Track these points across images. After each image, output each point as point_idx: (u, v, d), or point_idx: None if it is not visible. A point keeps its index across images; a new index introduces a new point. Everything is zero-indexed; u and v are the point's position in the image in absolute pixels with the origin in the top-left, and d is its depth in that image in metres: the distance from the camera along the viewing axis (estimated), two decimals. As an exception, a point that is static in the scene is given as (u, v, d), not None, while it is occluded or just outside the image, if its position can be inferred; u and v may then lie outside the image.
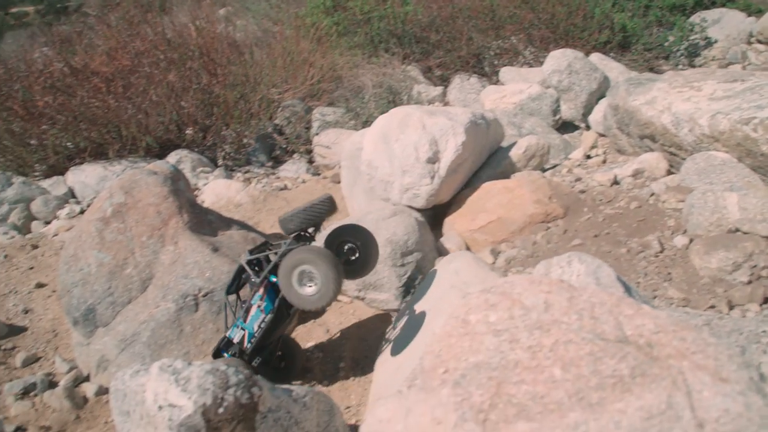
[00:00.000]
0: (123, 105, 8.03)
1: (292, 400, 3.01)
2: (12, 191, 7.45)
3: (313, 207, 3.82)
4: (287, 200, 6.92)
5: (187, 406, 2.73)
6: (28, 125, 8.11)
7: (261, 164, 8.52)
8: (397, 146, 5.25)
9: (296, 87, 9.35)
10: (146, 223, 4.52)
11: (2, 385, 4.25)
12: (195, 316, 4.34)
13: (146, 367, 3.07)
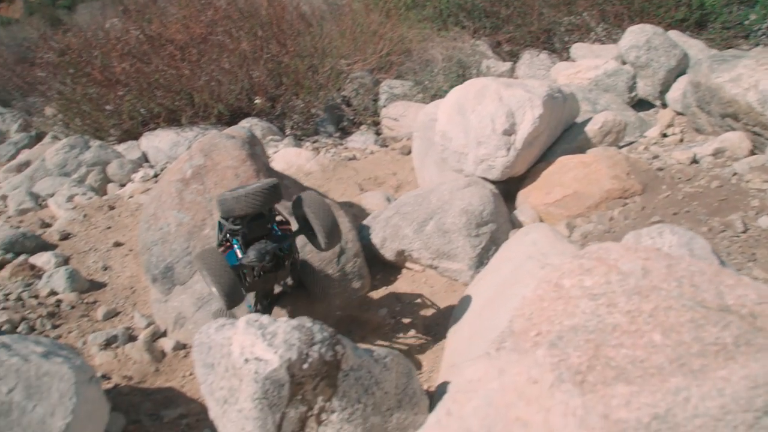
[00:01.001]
0: (196, 73, 8.14)
1: (374, 360, 3.03)
2: (90, 154, 7.66)
3: (257, 192, 3.49)
4: (356, 170, 6.94)
5: (272, 361, 2.77)
6: (105, 91, 8.31)
7: (329, 135, 8.57)
8: (473, 117, 5.21)
9: (365, 59, 9.34)
10: (224, 185, 4.58)
11: (87, 336, 4.39)
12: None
13: (232, 321, 3.14)
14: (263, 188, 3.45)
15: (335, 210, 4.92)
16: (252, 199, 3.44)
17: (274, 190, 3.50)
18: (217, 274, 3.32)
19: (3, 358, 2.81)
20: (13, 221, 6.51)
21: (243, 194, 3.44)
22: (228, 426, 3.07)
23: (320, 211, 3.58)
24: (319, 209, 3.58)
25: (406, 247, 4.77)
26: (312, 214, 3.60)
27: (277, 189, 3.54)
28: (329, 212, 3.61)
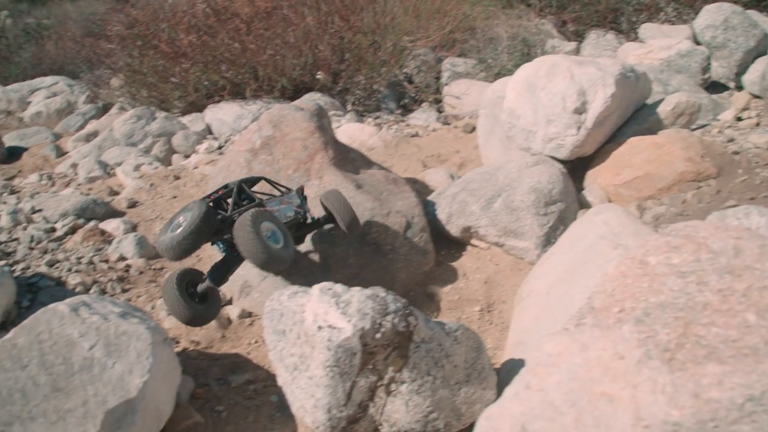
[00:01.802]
0: (261, 46, 8.18)
1: (445, 333, 3.02)
2: (155, 125, 7.79)
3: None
4: (419, 147, 6.91)
5: (346, 329, 2.78)
6: (171, 63, 8.42)
7: (390, 111, 8.54)
8: (543, 95, 5.12)
9: (428, 36, 9.25)
10: (293, 156, 4.62)
11: (155, 301, 4.48)
12: (337, 249, 4.42)
13: (305, 288, 3.15)
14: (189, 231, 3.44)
15: (400, 185, 4.92)
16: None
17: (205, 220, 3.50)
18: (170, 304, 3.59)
19: (84, 316, 2.88)
20: (83, 188, 6.68)
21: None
22: (297, 393, 3.10)
23: (341, 206, 4.07)
24: (339, 205, 4.07)
25: (472, 224, 4.74)
26: (333, 209, 4.08)
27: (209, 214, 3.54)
28: (348, 207, 4.08)
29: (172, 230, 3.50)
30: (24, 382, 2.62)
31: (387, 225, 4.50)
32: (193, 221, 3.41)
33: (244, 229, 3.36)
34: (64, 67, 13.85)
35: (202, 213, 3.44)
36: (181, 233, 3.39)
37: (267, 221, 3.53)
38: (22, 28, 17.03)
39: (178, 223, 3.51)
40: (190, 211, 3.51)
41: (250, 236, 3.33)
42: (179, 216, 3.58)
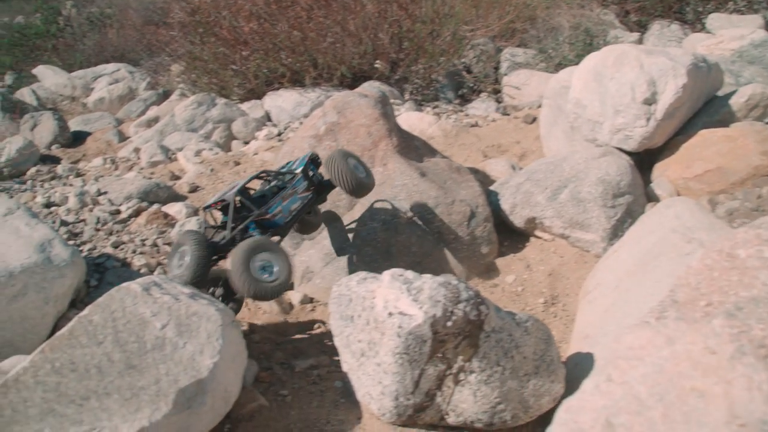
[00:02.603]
0: (321, 34, 8.18)
1: (515, 323, 2.96)
2: (216, 111, 7.87)
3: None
4: (478, 137, 6.83)
5: (417, 316, 2.75)
6: (231, 51, 8.48)
7: (448, 101, 8.47)
8: (611, 85, 4.99)
9: (488, 25, 9.14)
10: (357, 143, 4.59)
11: (218, 286, 4.50)
12: (399, 237, 4.38)
13: (374, 274, 3.13)
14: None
15: (463, 174, 4.86)
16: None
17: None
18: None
19: (156, 296, 2.91)
20: (146, 172, 6.77)
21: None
22: (363, 379, 3.08)
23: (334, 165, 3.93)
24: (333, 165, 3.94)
25: (537, 215, 4.65)
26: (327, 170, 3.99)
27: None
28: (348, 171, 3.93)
29: (178, 266, 3.57)
30: (99, 358, 2.65)
31: (451, 214, 4.44)
32: (192, 257, 3.48)
33: (236, 270, 3.35)
34: (125, 55, 14.12)
35: (198, 249, 3.50)
36: (187, 272, 3.46)
37: (262, 251, 3.48)
38: (86, 17, 17.39)
39: (181, 256, 3.58)
40: (188, 244, 3.54)
41: (242, 276, 3.32)
42: (181, 246, 3.61)
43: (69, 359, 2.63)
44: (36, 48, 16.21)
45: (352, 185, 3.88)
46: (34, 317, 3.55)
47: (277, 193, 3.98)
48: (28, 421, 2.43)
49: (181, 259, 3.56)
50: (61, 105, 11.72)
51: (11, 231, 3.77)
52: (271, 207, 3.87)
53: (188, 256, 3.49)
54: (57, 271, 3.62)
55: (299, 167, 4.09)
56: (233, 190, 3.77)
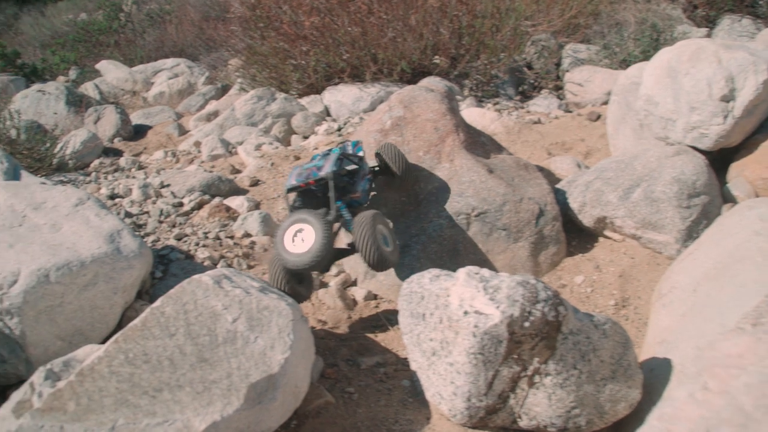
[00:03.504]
0: (383, 29, 8.12)
1: (593, 325, 2.85)
2: (275, 106, 7.89)
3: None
4: (542, 134, 6.68)
5: (494, 315, 2.66)
6: (291, 45, 8.49)
7: (509, 97, 8.33)
8: (687, 81, 4.81)
9: (550, 21, 8.94)
10: (423, 138, 4.52)
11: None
12: (466, 234, 4.30)
13: (448, 272, 3.05)
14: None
15: (531, 171, 4.74)
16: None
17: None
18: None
19: (227, 289, 2.88)
20: (206, 166, 6.81)
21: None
22: (434, 379, 3.01)
23: (395, 156, 4.10)
24: (393, 155, 4.11)
25: (608, 214, 4.51)
26: (388, 158, 4.11)
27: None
28: (402, 156, 4.12)
29: (294, 247, 3.50)
30: (172, 351, 2.63)
31: (519, 212, 4.34)
32: (319, 238, 3.44)
33: (367, 236, 3.53)
34: (184, 50, 14.33)
35: (325, 229, 3.46)
36: (309, 255, 3.43)
37: (380, 224, 3.69)
38: (146, 14, 17.71)
39: (299, 237, 3.52)
40: (311, 224, 3.49)
41: (374, 244, 3.53)
42: (297, 226, 3.55)
43: (142, 350, 2.62)
44: (99, 44, 16.57)
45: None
46: (103, 307, 3.57)
47: (356, 173, 4.02)
48: (104, 411, 2.42)
49: (301, 241, 3.48)
50: (123, 99, 11.93)
51: (82, 221, 3.80)
52: (358, 186, 3.92)
53: (313, 237, 3.44)
54: (126, 261, 3.63)
55: (358, 152, 4.20)
56: (327, 170, 3.78)
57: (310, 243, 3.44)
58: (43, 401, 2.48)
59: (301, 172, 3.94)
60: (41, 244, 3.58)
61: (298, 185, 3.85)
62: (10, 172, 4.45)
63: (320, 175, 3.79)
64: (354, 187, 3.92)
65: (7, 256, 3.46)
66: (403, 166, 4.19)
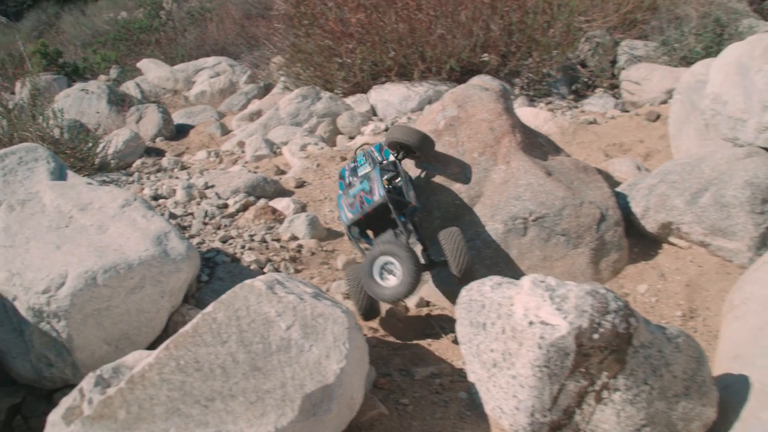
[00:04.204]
0: (431, 25, 8.06)
1: (666, 338, 2.76)
2: (320, 105, 7.88)
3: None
4: (597, 135, 6.56)
5: (561, 326, 2.59)
6: (337, 43, 8.48)
7: (562, 96, 8.21)
8: (759, 78, 4.65)
9: (605, 16, 8.77)
10: (478, 139, 4.44)
11: (329, 284, 4.45)
12: (523, 240, 4.22)
13: (511, 279, 2.98)
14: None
15: (591, 174, 4.64)
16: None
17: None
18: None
19: (281, 295, 2.85)
20: (250, 166, 6.83)
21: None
22: (494, 391, 2.94)
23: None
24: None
25: (674, 220, 4.38)
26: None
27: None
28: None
29: (385, 281, 3.58)
30: (224, 358, 2.60)
31: (579, 216, 4.24)
32: (408, 271, 3.48)
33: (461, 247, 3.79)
34: (225, 48, 14.45)
35: (413, 262, 3.51)
36: (403, 287, 3.49)
37: None
38: (186, 11, 17.93)
39: (388, 270, 3.58)
40: (398, 257, 3.53)
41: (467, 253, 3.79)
42: (384, 259, 3.59)
43: (193, 358, 2.60)
44: (139, 42, 16.82)
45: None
46: (149, 311, 3.57)
47: (397, 180, 4.06)
48: (154, 420, 2.41)
49: (389, 273, 3.57)
50: (164, 98, 12.08)
51: (129, 223, 3.81)
52: (408, 194, 3.97)
53: (401, 269, 3.50)
54: (173, 264, 3.62)
55: (386, 157, 4.29)
56: (379, 193, 3.84)
57: (401, 276, 3.50)
58: (93, 408, 2.47)
59: (352, 202, 3.97)
60: (88, 245, 3.59)
61: (357, 218, 3.90)
62: (56, 172, 4.49)
63: (375, 201, 3.82)
64: (404, 196, 3.94)
65: (54, 258, 3.49)
66: (418, 139, 4.20)
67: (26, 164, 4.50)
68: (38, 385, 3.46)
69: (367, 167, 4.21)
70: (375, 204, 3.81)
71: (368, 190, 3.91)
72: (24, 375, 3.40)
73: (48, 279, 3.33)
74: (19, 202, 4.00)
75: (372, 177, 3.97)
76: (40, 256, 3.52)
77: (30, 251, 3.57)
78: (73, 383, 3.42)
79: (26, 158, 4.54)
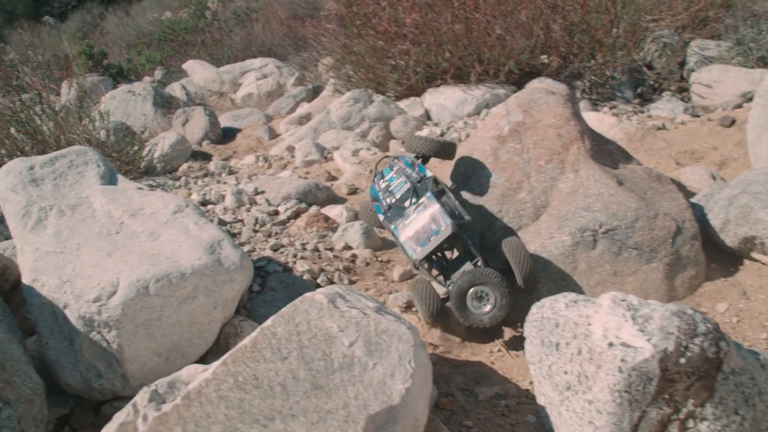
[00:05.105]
0: (490, 25, 7.98)
1: (760, 364, 2.64)
2: (373, 109, 7.86)
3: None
4: (667, 141, 6.40)
5: (644, 349, 2.49)
6: (390, 44, 8.45)
7: (627, 100, 8.05)
8: None
9: (674, 14, 8.57)
10: (545, 145, 4.36)
11: (385, 296, 4.41)
12: (592, 253, 4.11)
13: (587, 297, 2.90)
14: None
15: (665, 183, 4.51)
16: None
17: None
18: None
19: (343, 309, 2.80)
20: (300, 171, 6.83)
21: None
22: (567, 416, 2.85)
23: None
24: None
25: (758, 234, 4.22)
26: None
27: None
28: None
29: (480, 308, 3.81)
30: (284, 376, 2.56)
31: (653, 229, 4.12)
32: (503, 296, 3.75)
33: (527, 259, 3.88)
34: (272, 49, 14.57)
35: (506, 287, 3.76)
36: (502, 311, 3.77)
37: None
38: (232, 12, 18.14)
39: (481, 297, 3.81)
40: (490, 284, 3.77)
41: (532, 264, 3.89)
42: (477, 286, 3.80)
43: (252, 374, 2.56)
44: (185, 43, 17.06)
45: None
46: (201, 322, 3.56)
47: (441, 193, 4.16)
48: (212, 439, 2.38)
49: (484, 300, 3.80)
50: (209, 100, 12.21)
51: (181, 230, 3.81)
52: (458, 209, 4.08)
53: (496, 295, 3.75)
54: (227, 274, 3.61)
55: (422, 172, 4.30)
56: (446, 224, 3.91)
57: (495, 301, 3.77)
58: (148, 425, 2.45)
59: (418, 237, 4.01)
60: (140, 253, 3.60)
61: (429, 252, 3.95)
62: (106, 176, 4.52)
63: (444, 232, 3.89)
64: (461, 216, 4.04)
65: (106, 265, 3.50)
66: (436, 146, 4.41)
67: (76, 168, 4.54)
68: (87, 396, 3.47)
69: (403, 186, 4.27)
70: (444, 236, 3.89)
71: (430, 220, 3.98)
72: (73, 385, 3.41)
73: (99, 287, 3.34)
74: (69, 207, 4.04)
75: (433, 208, 4.00)
76: (91, 263, 3.53)
77: (81, 258, 3.59)
78: (122, 395, 3.43)
79: (76, 162, 4.58)
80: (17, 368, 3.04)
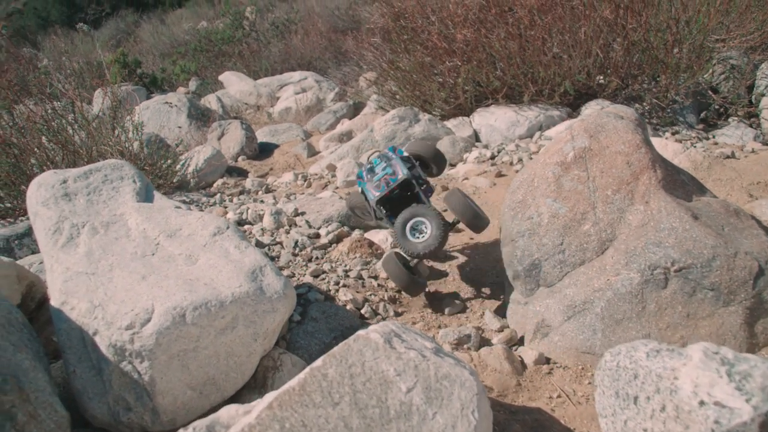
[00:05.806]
0: (546, 43, 7.82)
1: None
2: (419, 128, 7.73)
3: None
4: (737, 171, 6.17)
5: (742, 411, 2.29)
6: (438, 60, 8.32)
7: (690, 125, 7.82)
8: None
9: (743, 35, 8.34)
10: (613, 174, 4.17)
11: (433, 330, 4.26)
12: (663, 293, 3.90)
13: (671, 346, 2.71)
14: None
15: (744, 219, 4.30)
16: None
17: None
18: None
19: (400, 350, 2.64)
20: (342, 192, 6.69)
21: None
22: (645, 479, 2.65)
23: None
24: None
25: None
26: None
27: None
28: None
29: (416, 238, 4.38)
30: (335, 423, 2.41)
31: (732, 269, 3.90)
32: (436, 226, 4.33)
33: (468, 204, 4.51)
34: (311, 63, 14.55)
35: (439, 217, 4.39)
36: (435, 241, 4.31)
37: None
38: (270, 23, 18.19)
39: (418, 230, 4.40)
40: (426, 216, 4.38)
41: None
42: (414, 220, 4.41)
43: (300, 420, 2.41)
44: (221, 54, 17.13)
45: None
46: (240, 354, 3.43)
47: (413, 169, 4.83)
48: (256, 493, 2.23)
49: (420, 232, 4.38)
50: (246, 113, 12.19)
51: (221, 254, 3.69)
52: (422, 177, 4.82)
53: (430, 226, 4.33)
54: (269, 303, 3.48)
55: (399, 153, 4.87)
56: (402, 172, 4.65)
57: (430, 231, 4.33)
58: (185, 472, 2.32)
59: (378, 185, 4.68)
60: (176, 277, 3.49)
61: (384, 194, 4.62)
62: (142, 192, 4.42)
63: (400, 178, 4.61)
64: (421, 177, 4.78)
65: (140, 290, 3.39)
66: (434, 153, 4.99)
67: (111, 183, 4.45)
68: (113, 429, 3.35)
69: (383, 164, 4.86)
70: (399, 180, 4.59)
71: (391, 172, 4.68)
72: (99, 418, 3.29)
73: (132, 314, 3.22)
74: (102, 225, 3.95)
75: (393, 162, 4.73)
76: (125, 287, 3.42)
77: (113, 280, 3.49)
78: (151, 431, 3.30)
79: (111, 176, 4.49)
80: (42, 399, 2.92)
